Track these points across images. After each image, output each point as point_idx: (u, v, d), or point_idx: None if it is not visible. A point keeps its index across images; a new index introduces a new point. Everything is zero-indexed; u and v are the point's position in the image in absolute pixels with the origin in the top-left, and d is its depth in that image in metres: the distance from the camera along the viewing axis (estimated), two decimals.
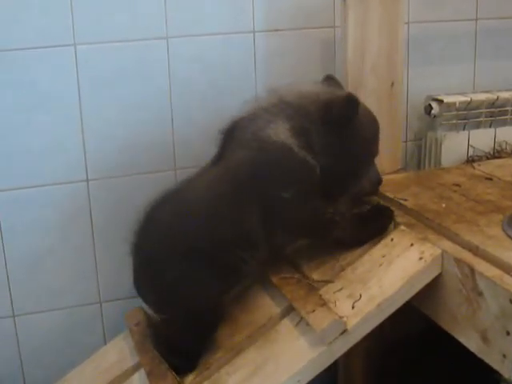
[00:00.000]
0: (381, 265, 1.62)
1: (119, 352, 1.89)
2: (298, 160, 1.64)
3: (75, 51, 2.04)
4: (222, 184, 1.67)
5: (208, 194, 1.67)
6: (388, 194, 1.88)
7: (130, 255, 1.73)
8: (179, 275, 1.64)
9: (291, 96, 1.73)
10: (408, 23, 2.26)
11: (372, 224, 1.75)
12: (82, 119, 2.08)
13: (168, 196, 1.72)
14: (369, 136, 1.77)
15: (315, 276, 1.70)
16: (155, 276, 1.68)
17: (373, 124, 1.79)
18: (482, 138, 2.31)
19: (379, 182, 1.86)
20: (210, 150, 1.75)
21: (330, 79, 1.84)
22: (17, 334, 2.19)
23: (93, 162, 2.12)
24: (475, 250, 1.53)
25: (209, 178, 1.71)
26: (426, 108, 2.29)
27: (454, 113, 2.27)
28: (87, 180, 2.13)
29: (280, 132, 1.66)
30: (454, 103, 2.26)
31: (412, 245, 1.62)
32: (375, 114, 1.96)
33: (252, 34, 2.16)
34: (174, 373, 1.63)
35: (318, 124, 1.68)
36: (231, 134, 1.73)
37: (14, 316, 2.17)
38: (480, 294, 1.44)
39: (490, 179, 1.98)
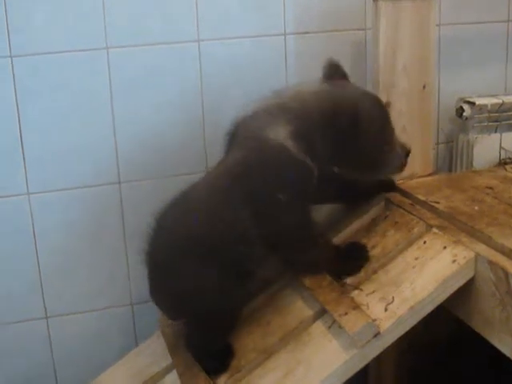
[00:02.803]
0: (414, 267, 1.61)
1: (151, 354, 1.90)
2: (296, 160, 1.61)
3: (107, 54, 2.05)
4: (218, 182, 1.68)
5: (206, 193, 1.68)
6: (420, 197, 1.87)
7: (144, 265, 1.74)
8: (186, 277, 1.64)
9: (294, 98, 1.71)
10: (439, 25, 2.25)
11: (348, 260, 1.72)
12: (114, 122, 2.10)
13: (174, 201, 1.73)
14: (383, 121, 1.72)
15: (347, 279, 1.69)
16: (166, 281, 1.69)
17: (382, 107, 1.74)
18: None
19: (408, 152, 1.79)
20: None
21: (332, 67, 1.79)
22: (49, 336, 2.21)
23: (125, 165, 2.14)
24: (509, 253, 1.51)
25: (209, 177, 1.73)
26: (457, 110, 2.28)
27: (486, 115, 2.24)
28: (119, 182, 2.14)
29: (279, 133, 1.63)
30: (486, 105, 2.24)
31: (445, 247, 1.61)
32: (407, 115, 1.97)
33: (283, 37, 2.17)
34: (206, 374, 1.64)
35: (322, 127, 1.64)
36: (234, 135, 1.74)
37: (46, 317, 2.19)
38: None
39: None
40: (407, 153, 1.79)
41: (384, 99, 1.99)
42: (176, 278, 1.65)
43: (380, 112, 1.74)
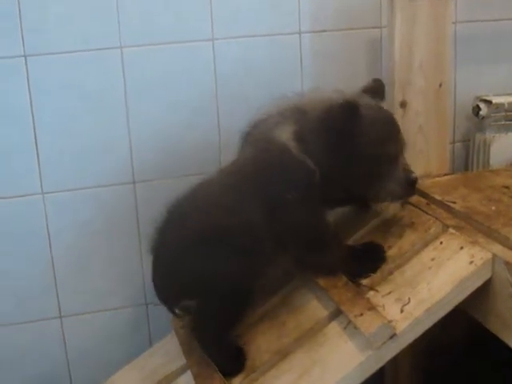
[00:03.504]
0: (430, 268, 1.60)
1: (165, 354, 1.89)
2: (296, 162, 1.62)
3: (121, 54, 2.05)
4: (230, 180, 1.71)
5: (218, 186, 1.71)
6: (436, 196, 1.86)
7: (151, 254, 1.76)
8: (198, 261, 1.65)
9: (307, 101, 1.73)
10: (455, 22, 2.23)
11: (364, 261, 1.71)
12: (128, 121, 2.10)
13: (188, 193, 1.74)
14: (380, 137, 1.65)
15: (363, 280, 1.68)
16: (177, 265, 1.70)
17: (386, 124, 1.69)
18: None
19: (411, 181, 1.70)
20: None
21: (376, 81, 1.79)
22: (64, 335, 2.22)
23: (139, 164, 2.14)
24: None
25: (222, 174, 1.76)
26: (473, 109, 2.26)
27: (503, 114, 2.22)
28: (134, 182, 2.14)
29: (284, 134, 1.66)
30: (503, 104, 2.22)
31: (462, 248, 1.60)
32: (423, 114, 1.95)
33: (298, 35, 2.16)
34: (221, 375, 1.63)
35: (318, 129, 1.64)
36: (248, 135, 1.77)
37: (61, 317, 2.20)
38: None
39: None
40: (411, 181, 1.70)
41: (400, 97, 1.99)
42: (188, 262, 1.66)
43: (385, 128, 1.69)
